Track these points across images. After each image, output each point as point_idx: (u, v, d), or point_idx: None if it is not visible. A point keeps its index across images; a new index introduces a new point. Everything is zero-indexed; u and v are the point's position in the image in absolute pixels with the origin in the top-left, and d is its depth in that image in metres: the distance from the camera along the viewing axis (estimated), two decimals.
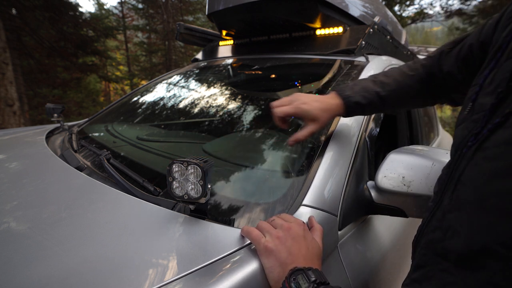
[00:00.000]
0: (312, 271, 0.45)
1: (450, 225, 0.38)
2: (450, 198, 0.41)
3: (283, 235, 0.50)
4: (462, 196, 0.38)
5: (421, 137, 1.57)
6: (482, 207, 0.34)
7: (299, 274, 0.45)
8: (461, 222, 0.37)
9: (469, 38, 0.63)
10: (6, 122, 4.17)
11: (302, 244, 0.50)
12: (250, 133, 0.95)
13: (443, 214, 0.41)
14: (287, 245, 0.49)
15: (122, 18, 12.63)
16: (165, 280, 0.44)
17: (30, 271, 0.47)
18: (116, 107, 1.51)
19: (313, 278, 0.43)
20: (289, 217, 0.55)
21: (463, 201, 0.37)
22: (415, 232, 0.51)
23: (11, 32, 5.52)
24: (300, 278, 0.44)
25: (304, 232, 0.52)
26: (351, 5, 1.37)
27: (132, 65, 13.00)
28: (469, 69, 0.63)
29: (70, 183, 0.77)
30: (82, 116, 8.88)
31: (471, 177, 0.38)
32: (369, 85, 0.76)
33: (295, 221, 0.54)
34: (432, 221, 0.44)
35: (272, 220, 0.54)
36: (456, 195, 0.39)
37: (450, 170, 0.43)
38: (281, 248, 0.48)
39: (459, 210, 0.38)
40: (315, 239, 0.53)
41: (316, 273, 0.45)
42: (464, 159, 0.40)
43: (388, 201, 0.72)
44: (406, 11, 9.56)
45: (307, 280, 0.43)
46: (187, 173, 0.55)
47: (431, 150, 0.71)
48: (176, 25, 1.71)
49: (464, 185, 0.38)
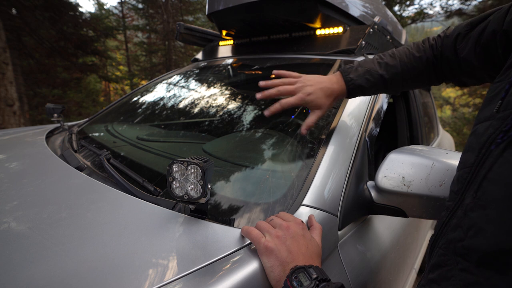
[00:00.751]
0: (313, 268, 0.45)
1: (473, 224, 0.37)
2: (474, 196, 0.39)
3: (283, 234, 0.50)
4: (489, 194, 0.37)
5: (421, 137, 1.57)
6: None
7: (300, 272, 0.45)
8: (487, 220, 0.35)
9: (491, 23, 0.59)
10: (6, 122, 4.17)
11: (302, 243, 0.50)
12: (250, 133, 0.95)
13: (465, 213, 0.40)
14: (286, 244, 0.49)
15: (122, 18, 12.62)
16: (165, 280, 0.44)
17: (30, 271, 0.46)
18: (116, 107, 1.51)
19: (314, 275, 0.44)
20: (287, 216, 0.56)
21: (491, 199, 0.36)
22: (415, 232, 0.51)
23: (11, 32, 5.52)
24: (302, 276, 0.44)
25: (303, 231, 0.52)
26: (351, 5, 1.37)
27: (132, 65, 12.99)
28: (489, 56, 0.61)
29: (70, 183, 0.77)
30: (82, 116, 8.88)
31: (501, 174, 0.36)
32: (373, 67, 0.77)
33: (293, 220, 0.54)
34: (452, 220, 0.43)
35: (271, 220, 0.55)
36: (481, 193, 0.38)
37: (473, 169, 0.42)
38: (281, 247, 0.48)
39: (485, 208, 0.36)
40: (314, 238, 0.53)
41: (317, 270, 0.45)
42: (491, 157, 0.39)
43: (388, 201, 0.72)
44: (406, 11, 9.55)
45: (309, 278, 0.44)
46: (187, 173, 0.55)
47: (431, 150, 0.71)
48: (176, 25, 1.71)
49: (492, 183, 0.37)
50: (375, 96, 1.00)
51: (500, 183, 0.36)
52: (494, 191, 0.36)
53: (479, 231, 0.36)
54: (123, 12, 12.74)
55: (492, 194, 0.36)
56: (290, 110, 0.99)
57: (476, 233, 0.36)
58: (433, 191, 0.64)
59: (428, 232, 1.84)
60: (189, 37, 1.76)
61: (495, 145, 0.39)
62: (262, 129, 0.96)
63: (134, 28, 11.95)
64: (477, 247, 0.35)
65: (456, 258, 0.38)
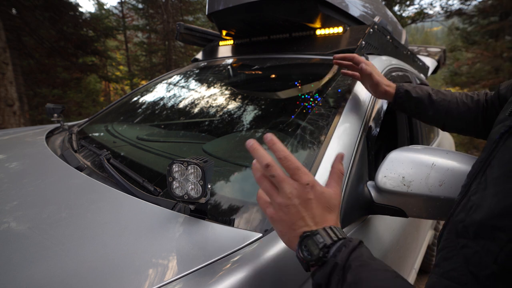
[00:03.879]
0: (320, 233, 0.43)
1: (473, 204, 0.39)
2: (478, 182, 0.42)
3: (285, 203, 0.46)
4: (489, 177, 0.40)
5: (421, 137, 1.57)
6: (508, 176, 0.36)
7: (308, 240, 0.43)
8: (485, 198, 0.38)
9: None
10: (6, 122, 4.17)
11: (309, 206, 0.46)
12: (250, 133, 0.95)
13: (469, 198, 0.42)
14: (291, 212, 0.45)
15: (122, 18, 12.62)
16: (165, 280, 0.44)
17: (30, 271, 0.47)
18: (116, 107, 1.51)
19: (321, 241, 0.42)
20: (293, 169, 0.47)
21: (490, 180, 0.39)
22: (415, 232, 0.51)
23: (11, 32, 5.52)
24: (310, 244, 0.43)
25: (308, 193, 0.46)
26: (351, 5, 1.37)
27: (132, 65, 12.99)
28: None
29: (70, 183, 0.77)
30: (82, 116, 8.88)
31: (500, 158, 0.40)
32: (425, 88, 0.85)
33: (299, 177, 0.47)
34: (458, 208, 0.45)
35: (272, 176, 0.48)
36: (484, 178, 0.41)
37: (482, 163, 0.45)
38: (286, 217, 0.46)
39: (485, 189, 0.39)
40: (325, 191, 0.47)
41: (325, 233, 0.43)
42: (497, 148, 0.43)
43: (388, 201, 0.72)
44: (406, 11, 9.56)
45: (317, 246, 0.42)
46: (187, 173, 0.55)
47: (431, 150, 0.71)
48: (176, 25, 1.71)
49: (493, 167, 0.41)
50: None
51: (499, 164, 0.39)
52: (493, 173, 0.39)
53: (477, 208, 0.38)
54: (123, 12, 12.74)
55: (491, 176, 0.40)
56: (290, 110, 0.99)
57: (475, 211, 0.38)
58: (433, 191, 0.64)
59: (428, 232, 1.84)
60: (189, 37, 1.76)
61: (499, 135, 0.43)
62: (262, 129, 0.96)
63: (134, 28, 11.96)
64: (473, 221, 0.37)
65: (458, 240, 0.40)
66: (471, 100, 0.81)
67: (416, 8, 9.69)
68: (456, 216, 0.44)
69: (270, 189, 0.48)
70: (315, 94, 0.99)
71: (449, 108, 0.82)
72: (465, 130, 0.84)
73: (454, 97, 0.83)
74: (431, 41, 28.17)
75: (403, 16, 9.31)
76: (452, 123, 0.83)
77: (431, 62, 2.53)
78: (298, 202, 0.45)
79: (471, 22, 8.49)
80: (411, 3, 9.26)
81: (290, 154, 0.48)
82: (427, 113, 0.84)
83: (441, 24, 10.13)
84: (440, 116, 0.83)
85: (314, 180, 0.47)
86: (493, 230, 0.34)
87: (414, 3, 9.54)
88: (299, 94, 1.05)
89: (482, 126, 0.79)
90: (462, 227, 0.40)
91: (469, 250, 0.37)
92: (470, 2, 8.24)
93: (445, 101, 0.82)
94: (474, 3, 8.20)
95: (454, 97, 0.83)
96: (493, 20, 7.93)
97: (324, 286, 0.40)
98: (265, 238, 0.55)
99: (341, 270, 0.39)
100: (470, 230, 0.38)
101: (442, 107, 0.82)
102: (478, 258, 0.35)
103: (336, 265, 0.39)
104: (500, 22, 7.66)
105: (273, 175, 0.47)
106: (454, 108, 0.81)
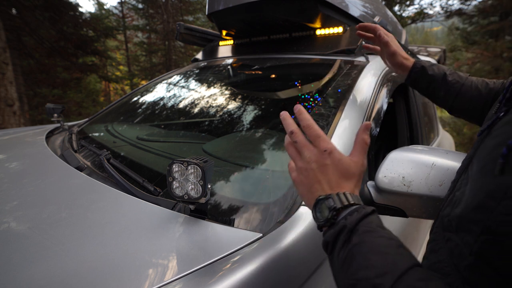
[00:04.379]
0: (333, 198, 0.45)
1: (457, 199, 0.41)
2: (463, 178, 0.44)
3: (305, 167, 0.50)
4: (470, 173, 0.41)
5: (421, 137, 1.57)
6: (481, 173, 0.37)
7: (322, 204, 0.46)
8: (465, 192, 0.39)
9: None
10: (6, 122, 4.17)
11: (325, 171, 0.49)
12: (250, 133, 0.95)
13: (454, 194, 0.44)
14: (310, 176, 0.49)
15: (122, 18, 12.62)
16: (165, 280, 0.44)
17: (30, 271, 0.47)
18: (116, 107, 1.51)
19: (332, 205, 0.44)
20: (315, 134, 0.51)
21: (470, 176, 0.41)
22: (415, 232, 0.51)
23: (11, 32, 5.52)
24: (323, 206, 0.46)
25: (324, 159, 0.49)
26: (351, 5, 1.37)
27: (132, 65, 12.99)
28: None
29: (70, 183, 0.77)
30: (82, 116, 8.88)
31: (479, 154, 0.41)
32: (442, 67, 0.84)
33: (318, 144, 0.50)
34: (445, 203, 0.46)
35: (295, 142, 0.52)
36: (466, 175, 0.43)
37: (468, 159, 0.47)
38: (305, 180, 0.50)
39: (466, 185, 0.40)
40: (342, 160, 0.49)
41: (337, 198, 0.45)
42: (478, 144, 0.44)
43: (388, 201, 0.72)
44: (406, 11, 9.56)
45: (328, 208, 0.45)
46: (187, 173, 0.55)
47: (431, 150, 0.71)
48: (176, 25, 1.71)
49: (473, 163, 0.42)
50: (375, 96, 1.00)
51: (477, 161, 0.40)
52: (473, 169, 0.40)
53: (459, 203, 0.39)
54: (123, 12, 12.74)
55: (471, 171, 0.41)
56: (291, 110, 0.99)
57: (457, 205, 0.40)
58: (433, 191, 0.64)
59: (428, 232, 1.84)
60: (189, 37, 1.76)
61: (480, 132, 0.44)
62: (262, 129, 0.96)
63: (134, 28, 11.96)
64: (455, 215, 0.39)
65: (444, 233, 0.41)
66: (486, 86, 0.79)
67: (416, 8, 9.69)
68: (443, 210, 0.45)
69: (294, 155, 0.53)
70: (315, 94, 0.99)
71: (461, 91, 0.80)
72: (470, 116, 0.83)
73: (470, 81, 0.81)
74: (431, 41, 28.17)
75: (403, 16, 9.31)
76: (459, 106, 0.82)
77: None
78: (315, 167, 0.49)
79: (471, 22, 8.49)
80: (411, 3, 9.26)
81: (313, 123, 0.52)
82: (439, 93, 0.83)
83: (441, 24, 10.13)
84: (450, 98, 0.82)
85: (333, 147, 0.50)
86: (469, 223, 0.35)
87: (414, 3, 9.54)
88: (299, 94, 1.05)
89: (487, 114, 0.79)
90: (447, 221, 0.41)
91: (452, 243, 0.38)
92: (470, 2, 8.24)
93: (458, 83, 0.81)
94: (474, 3, 8.20)
95: (469, 80, 0.81)
96: (493, 20, 7.93)
97: (331, 244, 0.43)
98: (265, 238, 0.55)
99: (349, 232, 0.41)
100: (453, 223, 0.39)
101: (454, 89, 0.81)
102: (458, 250, 0.36)
103: (345, 227, 0.42)
104: (500, 22, 7.66)
105: (295, 141, 0.52)
106: (466, 91, 0.80)
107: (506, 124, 0.39)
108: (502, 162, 0.33)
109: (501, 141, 0.36)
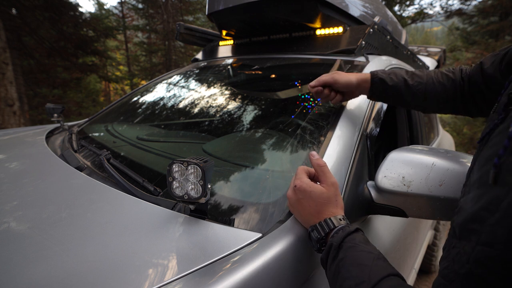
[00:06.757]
0: (317, 229, 0.53)
1: (460, 207, 0.42)
2: (465, 185, 0.46)
3: (293, 199, 0.58)
4: (471, 180, 0.43)
5: (421, 137, 1.57)
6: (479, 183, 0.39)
7: (311, 236, 0.54)
8: (467, 200, 0.41)
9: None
10: (6, 122, 4.17)
11: (303, 205, 0.56)
12: (250, 133, 0.95)
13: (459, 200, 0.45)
14: (295, 210, 0.59)
15: (122, 18, 12.61)
16: (165, 280, 0.44)
17: (30, 271, 0.47)
18: (116, 107, 1.51)
19: (317, 235, 0.53)
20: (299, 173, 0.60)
21: (471, 184, 0.42)
22: (415, 232, 0.52)
23: (11, 32, 5.51)
24: (312, 238, 0.54)
25: (296, 195, 0.57)
26: (351, 5, 1.37)
27: (132, 65, 12.97)
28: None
29: (70, 183, 0.77)
30: (82, 116, 8.88)
31: (478, 163, 0.42)
32: (400, 72, 0.83)
33: (292, 181, 0.60)
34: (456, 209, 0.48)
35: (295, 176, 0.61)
36: (469, 182, 0.44)
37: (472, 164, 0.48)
38: (294, 210, 0.59)
39: (469, 192, 0.42)
40: (313, 191, 0.56)
41: (320, 228, 0.53)
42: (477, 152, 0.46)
43: (388, 201, 0.72)
44: (406, 11, 9.55)
45: (315, 239, 0.53)
46: (187, 173, 0.55)
47: (431, 150, 0.71)
48: (176, 25, 1.71)
49: (473, 171, 0.43)
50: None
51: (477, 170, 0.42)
52: (473, 178, 0.42)
53: (462, 211, 0.41)
54: (123, 12, 12.73)
55: (472, 180, 0.42)
56: (290, 110, 0.99)
57: (460, 213, 0.41)
58: (433, 191, 0.64)
59: (428, 232, 1.84)
60: (189, 37, 1.76)
61: (479, 140, 0.46)
62: (262, 129, 0.96)
63: (134, 28, 11.94)
64: (457, 223, 0.41)
65: (451, 240, 0.43)
66: (447, 79, 0.79)
67: (416, 8, 9.69)
68: (454, 216, 0.46)
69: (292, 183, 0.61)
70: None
71: (427, 91, 0.79)
72: (444, 109, 0.83)
73: (430, 78, 0.80)
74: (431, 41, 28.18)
75: (403, 16, 9.31)
76: (431, 105, 0.82)
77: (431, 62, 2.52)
78: (293, 202, 0.59)
79: (471, 22, 8.48)
80: (411, 3, 9.25)
81: (300, 167, 0.62)
82: (406, 100, 0.82)
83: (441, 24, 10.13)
84: (419, 101, 0.81)
85: (302, 183, 0.57)
86: (469, 232, 0.37)
87: (414, 3, 9.53)
88: (299, 94, 1.05)
89: (460, 103, 0.78)
90: (453, 228, 0.43)
91: (456, 250, 0.39)
92: (470, 2, 8.24)
93: (421, 85, 0.79)
94: (474, 3, 8.20)
95: (430, 77, 0.80)
96: (493, 20, 7.92)
97: (325, 261, 0.51)
98: (265, 238, 0.55)
99: (336, 249, 0.49)
100: (457, 231, 0.40)
101: (420, 91, 0.79)
102: (459, 257, 0.37)
103: (331, 245, 0.50)
104: (500, 22, 7.66)
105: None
106: (431, 89, 0.79)
107: (499, 134, 0.40)
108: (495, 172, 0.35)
109: (495, 151, 0.38)
